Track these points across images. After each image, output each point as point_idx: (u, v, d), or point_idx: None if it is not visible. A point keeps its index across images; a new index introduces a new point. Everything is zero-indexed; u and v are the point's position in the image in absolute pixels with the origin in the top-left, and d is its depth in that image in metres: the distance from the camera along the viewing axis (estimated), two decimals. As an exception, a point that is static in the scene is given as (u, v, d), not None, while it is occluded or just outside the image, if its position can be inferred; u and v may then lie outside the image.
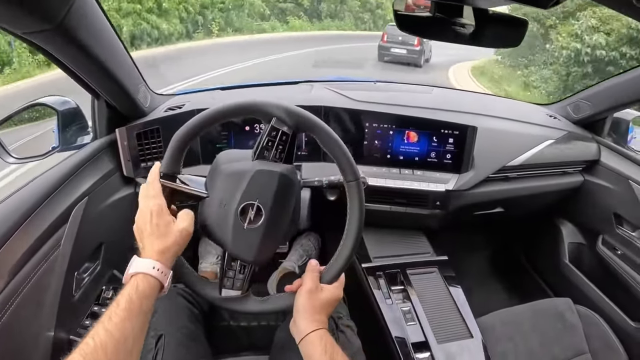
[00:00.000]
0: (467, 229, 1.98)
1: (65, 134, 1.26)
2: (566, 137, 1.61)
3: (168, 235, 0.79)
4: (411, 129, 1.41)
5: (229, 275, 0.89)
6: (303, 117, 0.85)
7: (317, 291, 0.87)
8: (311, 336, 0.81)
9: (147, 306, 0.72)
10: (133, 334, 0.66)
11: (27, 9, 0.74)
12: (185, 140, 0.84)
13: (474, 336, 1.23)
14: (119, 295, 0.70)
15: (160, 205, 0.79)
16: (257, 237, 0.84)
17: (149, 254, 0.76)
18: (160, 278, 0.75)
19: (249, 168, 0.84)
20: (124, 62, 1.16)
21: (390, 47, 13.12)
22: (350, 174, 0.86)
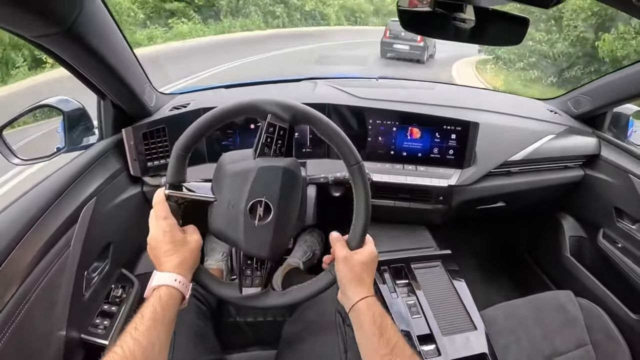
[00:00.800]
0: (470, 223, 1.99)
1: (71, 135, 1.26)
2: (567, 132, 1.62)
3: (183, 249, 0.81)
4: (414, 125, 1.43)
5: (247, 274, 0.90)
6: (298, 110, 0.86)
7: (351, 257, 0.87)
8: (359, 305, 0.82)
9: (171, 316, 0.74)
10: (159, 341, 0.68)
11: (38, 13, 0.75)
12: (186, 148, 0.85)
13: (477, 328, 1.24)
14: (142, 307, 0.73)
15: (171, 224, 0.82)
16: (269, 233, 0.85)
17: (169, 268, 0.79)
18: (182, 289, 0.78)
19: (252, 166, 0.85)
20: (130, 63, 1.17)
21: (393, 43, 12.89)
22: (352, 158, 0.87)
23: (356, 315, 0.82)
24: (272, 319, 1.31)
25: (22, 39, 0.84)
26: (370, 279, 0.86)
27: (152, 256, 0.83)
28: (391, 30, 12.81)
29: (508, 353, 1.24)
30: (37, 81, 8.05)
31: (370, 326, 0.78)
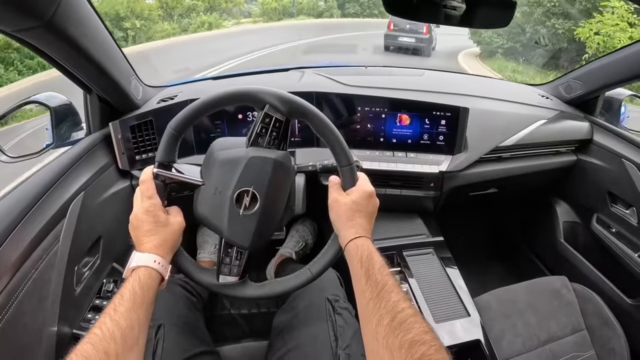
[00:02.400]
0: (462, 210, 1.99)
1: (58, 131, 1.26)
2: (558, 117, 1.62)
3: (165, 230, 0.81)
4: (403, 111, 1.42)
5: (226, 262, 0.90)
6: (296, 104, 0.85)
7: (341, 198, 0.86)
8: (348, 246, 0.81)
9: (150, 297, 0.73)
10: (139, 323, 0.68)
11: (15, 6, 0.74)
12: (179, 129, 0.84)
13: (471, 315, 1.24)
14: (121, 288, 0.72)
15: (155, 204, 0.81)
16: (253, 223, 0.85)
17: (148, 248, 0.78)
18: (161, 270, 0.77)
19: (244, 155, 0.85)
20: (114, 56, 1.16)
21: (398, 35, 12.51)
22: (344, 160, 0.87)
23: (347, 257, 0.82)
24: (265, 310, 1.31)
25: (2, 33, 0.83)
26: (363, 218, 0.84)
27: (133, 235, 0.82)
28: (395, 22, 12.45)
29: (503, 339, 1.24)
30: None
31: (357, 269, 0.77)
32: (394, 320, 0.64)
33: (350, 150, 0.88)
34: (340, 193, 0.88)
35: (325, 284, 1.14)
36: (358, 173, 0.89)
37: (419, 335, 0.61)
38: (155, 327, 1.00)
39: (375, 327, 0.66)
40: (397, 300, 0.67)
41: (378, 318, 0.66)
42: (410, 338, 0.60)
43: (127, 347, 0.64)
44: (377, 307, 0.68)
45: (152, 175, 0.83)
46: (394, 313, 0.65)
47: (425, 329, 0.62)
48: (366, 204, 0.85)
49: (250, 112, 1.40)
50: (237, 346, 1.19)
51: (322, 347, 0.99)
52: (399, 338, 0.61)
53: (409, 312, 0.65)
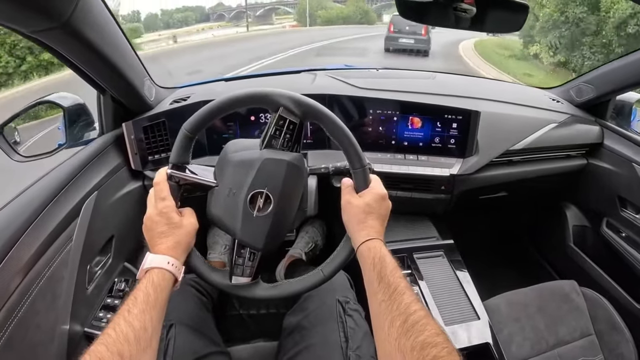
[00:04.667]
0: (473, 213, 1.99)
1: (71, 131, 1.27)
2: (569, 121, 1.61)
3: (179, 231, 0.82)
4: (415, 114, 1.42)
5: (239, 263, 0.90)
6: (310, 107, 0.85)
7: (353, 200, 0.87)
8: (360, 248, 0.82)
9: (163, 299, 0.74)
10: (152, 324, 0.68)
11: (34, 8, 0.75)
12: (193, 131, 0.85)
13: (480, 318, 1.24)
14: (135, 289, 0.73)
15: (169, 206, 0.82)
16: (266, 225, 0.86)
17: (162, 250, 0.79)
18: (174, 271, 0.78)
19: (257, 157, 0.85)
20: (128, 57, 1.17)
21: (399, 37, 13.08)
22: (356, 162, 0.87)
23: (359, 259, 0.82)
24: (275, 311, 1.31)
25: (19, 34, 0.84)
26: (375, 220, 0.85)
27: (146, 237, 0.83)
28: (395, 24, 13.00)
29: (512, 342, 1.24)
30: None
31: (370, 271, 0.77)
32: (407, 322, 0.64)
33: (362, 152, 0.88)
34: (353, 195, 0.88)
35: (336, 286, 1.14)
36: (371, 175, 0.89)
37: (431, 337, 0.61)
38: (166, 326, 1.01)
39: (388, 329, 0.66)
40: (409, 303, 0.68)
41: (390, 320, 0.66)
42: (422, 340, 0.61)
43: (141, 348, 0.64)
44: (389, 309, 0.68)
45: (166, 176, 0.84)
46: (407, 315, 0.65)
47: (438, 331, 0.62)
48: (379, 207, 0.86)
49: (262, 114, 1.41)
50: (248, 347, 1.20)
51: (332, 349, 0.99)
52: (411, 340, 0.61)
53: (421, 314, 0.65)
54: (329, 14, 36.24)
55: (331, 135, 0.88)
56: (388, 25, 13.60)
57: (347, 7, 37.47)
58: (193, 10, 41.21)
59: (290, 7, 44.45)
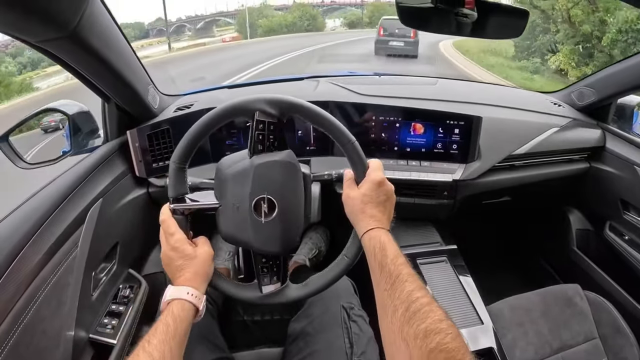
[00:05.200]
0: (475, 218, 1.99)
1: (76, 138, 1.28)
2: (571, 125, 1.61)
3: (194, 262, 0.84)
4: (417, 120, 1.43)
5: (263, 272, 0.91)
6: (284, 102, 0.86)
7: (352, 192, 0.87)
8: (363, 239, 0.82)
9: (183, 329, 0.75)
10: (171, 354, 0.70)
11: (41, 18, 0.76)
12: (182, 161, 0.86)
13: (484, 322, 1.24)
14: (156, 321, 0.75)
15: (180, 239, 0.84)
16: (277, 228, 0.87)
17: (181, 282, 0.81)
18: (195, 302, 0.80)
19: (249, 165, 0.86)
20: (133, 66, 1.19)
21: (388, 40, 13.28)
22: (344, 138, 0.87)
23: (364, 249, 0.82)
24: (279, 317, 1.31)
25: (26, 44, 0.85)
26: (374, 209, 0.84)
27: (167, 272, 0.86)
28: (385, 28, 13.33)
29: (515, 347, 1.24)
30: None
31: (372, 261, 0.77)
32: (408, 310, 0.64)
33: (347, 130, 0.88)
34: (352, 187, 0.88)
35: (340, 292, 1.14)
36: (369, 161, 0.89)
37: (434, 324, 0.60)
38: None
39: (391, 317, 0.66)
40: (411, 290, 0.67)
41: (393, 309, 0.66)
42: (424, 327, 0.60)
43: None
44: (391, 297, 0.68)
45: (170, 212, 0.85)
46: (408, 303, 0.65)
47: (441, 317, 0.62)
48: (376, 194, 0.85)
49: None
50: (252, 352, 1.20)
51: (337, 354, 0.99)
52: (414, 327, 0.61)
53: (424, 301, 0.65)
54: (270, 22, 33.57)
55: (313, 123, 0.89)
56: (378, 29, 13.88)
57: (291, 13, 35.59)
58: (132, 27, 39.05)
59: (231, 17, 41.35)
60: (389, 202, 0.87)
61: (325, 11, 42.17)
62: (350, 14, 40.99)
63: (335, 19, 42.66)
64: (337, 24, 41.08)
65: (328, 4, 44.28)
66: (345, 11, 43.04)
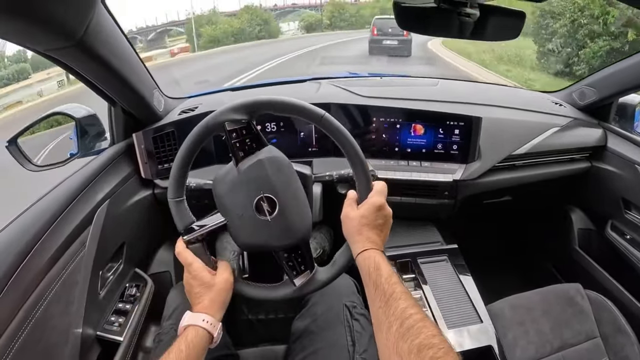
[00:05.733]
0: (476, 218, 1.99)
1: (83, 141, 1.31)
2: (572, 124, 1.61)
3: (211, 290, 0.86)
4: (417, 121, 1.44)
5: (290, 266, 0.92)
6: (247, 104, 0.87)
7: (350, 213, 0.89)
8: (357, 259, 0.84)
9: (196, 354, 0.78)
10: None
11: (49, 28, 0.79)
12: (178, 194, 0.89)
13: (483, 321, 1.25)
14: (172, 346, 0.77)
15: (197, 268, 0.87)
16: (286, 220, 0.88)
17: (198, 308, 0.84)
18: (209, 329, 0.82)
19: (237, 174, 0.88)
20: (138, 70, 1.21)
21: (382, 39, 13.51)
22: (314, 116, 0.89)
23: (359, 269, 0.84)
24: (283, 315, 1.33)
25: (35, 52, 0.88)
26: (371, 231, 0.86)
27: (188, 298, 0.89)
28: (378, 27, 13.60)
29: (516, 346, 1.24)
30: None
31: (367, 280, 0.79)
32: (402, 326, 0.66)
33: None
34: (352, 207, 0.90)
35: (343, 290, 1.16)
36: (374, 183, 0.91)
37: (427, 339, 0.62)
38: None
39: (385, 334, 0.68)
40: (405, 307, 0.69)
41: (387, 325, 0.68)
42: (418, 342, 0.62)
43: None
44: (386, 314, 0.70)
45: (184, 244, 0.88)
46: (402, 319, 0.67)
47: (434, 333, 0.64)
48: (374, 217, 0.87)
49: (268, 123, 1.44)
50: (256, 350, 1.22)
51: (340, 352, 1.01)
52: (408, 343, 0.63)
53: (417, 317, 0.66)
54: (214, 31, 27.76)
55: (282, 113, 0.90)
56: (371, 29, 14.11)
57: (239, 17, 30.22)
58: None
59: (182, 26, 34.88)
60: (386, 226, 0.89)
61: (278, 14, 39.03)
62: (307, 16, 37.21)
63: (289, 22, 39.21)
64: (293, 27, 37.84)
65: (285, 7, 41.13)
66: (299, 13, 39.51)
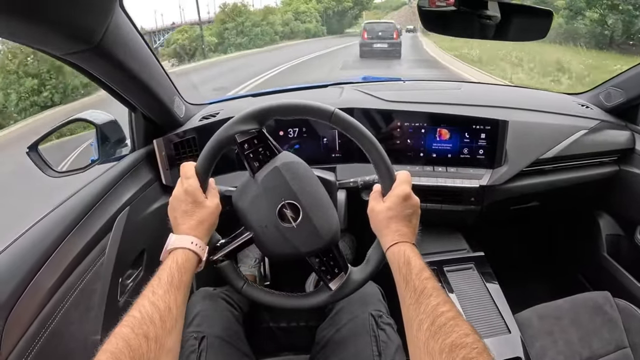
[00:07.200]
0: (503, 224, 1.96)
1: (104, 147, 1.30)
2: (599, 126, 1.57)
3: (202, 210, 0.83)
4: (443, 126, 1.42)
5: (323, 271, 0.90)
6: (255, 112, 0.86)
7: (376, 206, 0.87)
8: (387, 254, 0.82)
9: (187, 279, 0.75)
10: (177, 305, 0.69)
11: (67, 32, 0.78)
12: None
13: (511, 332, 1.22)
14: (159, 270, 0.74)
15: (193, 184, 0.83)
16: (311, 224, 0.86)
17: (185, 230, 0.80)
18: (198, 251, 0.79)
19: (255, 185, 0.87)
20: (158, 76, 1.20)
21: (373, 42, 14.16)
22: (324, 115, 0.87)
23: (389, 264, 0.82)
24: (304, 323, 1.31)
25: (52, 56, 0.87)
26: (399, 223, 0.83)
27: (170, 217, 0.85)
28: (368, 31, 14.22)
29: (545, 356, 1.21)
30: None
31: (397, 275, 0.77)
32: (434, 325, 0.63)
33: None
34: (378, 201, 0.88)
35: (368, 299, 1.14)
36: (397, 173, 0.89)
37: (459, 339, 0.60)
38: (198, 338, 1.02)
39: (416, 332, 0.66)
40: (436, 304, 0.67)
41: (418, 323, 0.66)
42: (450, 342, 0.60)
43: (166, 329, 0.64)
44: (416, 312, 0.68)
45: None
46: (433, 317, 0.65)
47: (467, 332, 0.61)
48: (401, 208, 0.84)
49: (290, 129, 1.42)
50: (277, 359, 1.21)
51: None
52: (439, 342, 0.61)
53: (449, 315, 0.64)
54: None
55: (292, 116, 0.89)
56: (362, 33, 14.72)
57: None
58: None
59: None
60: (415, 216, 0.87)
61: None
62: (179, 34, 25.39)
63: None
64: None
65: (164, 28, 32.00)
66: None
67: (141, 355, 0.59)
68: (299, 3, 34.80)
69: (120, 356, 0.58)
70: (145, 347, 0.60)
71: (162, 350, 0.62)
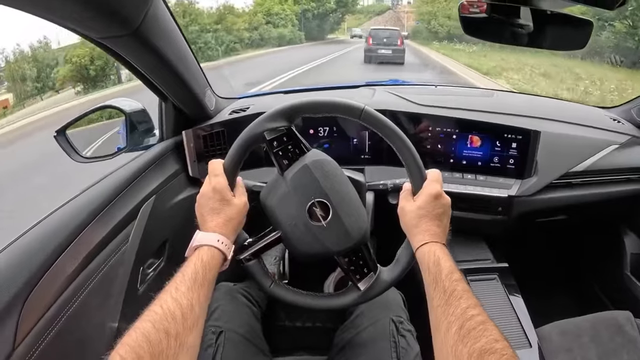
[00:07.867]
0: (528, 236, 1.94)
1: (132, 135, 1.30)
2: (631, 142, 1.54)
3: (230, 208, 0.82)
4: (474, 133, 1.40)
5: (353, 271, 0.89)
6: (285, 110, 0.85)
7: (405, 206, 0.85)
8: (417, 254, 0.81)
9: (211, 277, 0.74)
10: (199, 303, 0.68)
11: (107, 16, 0.78)
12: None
13: (532, 346, 1.21)
14: (183, 267, 0.73)
15: (222, 182, 0.83)
16: (341, 223, 0.85)
17: (212, 227, 0.80)
18: (224, 249, 0.78)
19: (284, 183, 0.85)
20: (192, 67, 1.20)
21: (377, 49, 14.36)
22: (354, 112, 0.86)
23: (419, 264, 0.80)
24: (321, 324, 1.31)
25: (87, 39, 0.87)
26: (429, 222, 0.82)
27: (198, 214, 0.85)
28: (373, 37, 14.55)
29: (563, 372, 1.20)
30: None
31: (426, 276, 0.76)
32: (463, 328, 0.62)
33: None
34: (408, 200, 0.86)
35: (390, 304, 1.13)
36: (428, 171, 0.87)
37: (489, 344, 0.58)
38: (216, 333, 1.02)
39: (444, 335, 0.64)
40: (466, 307, 0.65)
41: (446, 325, 0.65)
42: (479, 347, 0.58)
43: (187, 326, 0.64)
44: (445, 314, 0.67)
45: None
46: (463, 320, 0.63)
47: (496, 337, 0.60)
48: (432, 208, 0.83)
49: (321, 127, 1.42)
50: (293, 358, 1.20)
51: None
52: (468, 347, 0.59)
53: (479, 319, 0.63)
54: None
55: (321, 113, 0.88)
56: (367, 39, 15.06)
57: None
58: None
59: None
60: (446, 216, 0.85)
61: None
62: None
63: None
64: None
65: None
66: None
67: (160, 351, 0.59)
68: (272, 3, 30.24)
69: (139, 350, 0.57)
70: (165, 343, 0.59)
71: (182, 348, 0.62)
